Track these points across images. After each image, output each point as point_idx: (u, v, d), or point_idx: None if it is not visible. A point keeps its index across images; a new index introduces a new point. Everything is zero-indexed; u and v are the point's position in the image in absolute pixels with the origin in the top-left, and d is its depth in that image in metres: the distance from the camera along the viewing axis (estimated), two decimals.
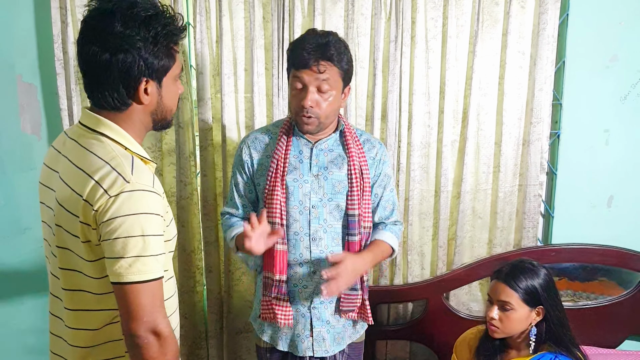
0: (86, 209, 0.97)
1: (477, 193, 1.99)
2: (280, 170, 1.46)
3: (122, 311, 0.98)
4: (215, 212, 2.00)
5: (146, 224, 0.96)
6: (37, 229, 2.01)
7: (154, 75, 1.02)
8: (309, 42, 1.38)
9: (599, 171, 1.99)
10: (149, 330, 0.97)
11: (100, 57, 0.97)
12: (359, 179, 1.50)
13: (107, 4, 0.99)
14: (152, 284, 0.97)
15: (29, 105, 1.95)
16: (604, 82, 1.93)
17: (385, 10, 1.85)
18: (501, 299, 1.40)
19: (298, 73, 1.40)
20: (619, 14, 1.89)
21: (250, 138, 1.55)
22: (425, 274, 2.05)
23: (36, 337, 2.10)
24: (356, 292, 1.54)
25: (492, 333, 1.43)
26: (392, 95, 1.88)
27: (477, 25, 1.85)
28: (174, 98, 1.10)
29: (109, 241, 0.96)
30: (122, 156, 1.00)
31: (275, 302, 1.49)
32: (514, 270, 1.42)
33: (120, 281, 0.96)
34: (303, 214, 1.49)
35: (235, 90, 1.92)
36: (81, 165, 1.00)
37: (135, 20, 0.98)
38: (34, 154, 1.98)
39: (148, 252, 0.96)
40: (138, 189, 0.96)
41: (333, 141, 1.52)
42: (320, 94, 1.40)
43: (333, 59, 1.38)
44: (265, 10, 1.86)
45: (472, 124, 1.92)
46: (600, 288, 2.05)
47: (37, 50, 1.91)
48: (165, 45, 1.02)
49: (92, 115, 1.04)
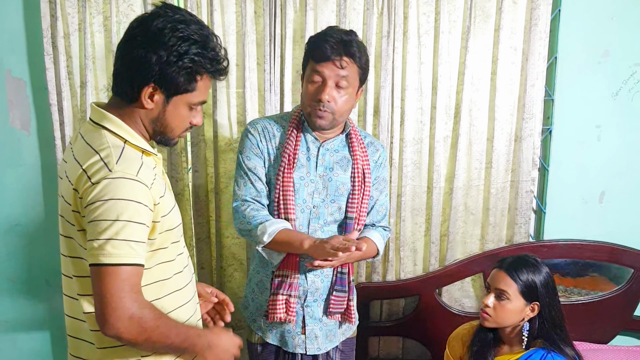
0: (75, 196, 1.00)
1: (469, 189, 1.99)
2: (291, 166, 1.45)
3: (95, 294, 0.97)
4: (207, 208, 1.99)
5: (123, 209, 0.96)
6: (26, 225, 2.01)
7: (164, 87, 1.03)
8: (333, 36, 1.38)
9: (590, 167, 1.99)
10: (123, 317, 0.95)
11: (125, 46, 1.03)
12: (361, 183, 1.50)
13: (163, 9, 1.03)
14: (124, 269, 0.96)
15: (18, 101, 1.93)
16: (595, 78, 1.94)
17: (377, 5, 1.84)
18: (499, 287, 1.41)
19: (318, 66, 1.39)
20: (610, 9, 1.90)
21: (260, 125, 1.51)
22: (418, 270, 2.05)
23: (26, 333, 2.08)
24: (344, 294, 1.54)
25: (483, 321, 1.44)
26: (385, 91, 1.88)
27: (469, 20, 1.85)
28: (179, 120, 1.08)
29: (88, 224, 0.97)
30: (114, 146, 1.01)
31: (292, 300, 1.47)
32: (517, 262, 1.43)
33: (94, 262, 0.96)
34: (304, 212, 1.48)
35: (227, 85, 1.91)
36: (78, 156, 1.03)
37: (174, 32, 1.00)
38: (23, 149, 1.96)
39: (121, 237, 0.96)
40: (119, 176, 0.98)
41: (339, 142, 1.51)
42: (338, 89, 1.39)
43: (355, 56, 1.38)
44: (256, 5, 1.85)
45: (465, 119, 1.91)
46: (592, 284, 2.06)
47: (26, 45, 1.89)
48: (189, 68, 1.02)
49: (98, 110, 1.06)
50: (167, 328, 1.02)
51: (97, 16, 1.85)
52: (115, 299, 0.95)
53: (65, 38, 1.84)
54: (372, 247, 1.54)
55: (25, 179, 1.98)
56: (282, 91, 1.89)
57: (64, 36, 1.84)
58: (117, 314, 0.95)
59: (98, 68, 1.89)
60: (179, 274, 1.14)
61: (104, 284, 0.95)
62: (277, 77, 1.87)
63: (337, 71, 1.38)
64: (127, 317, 0.96)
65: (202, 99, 1.09)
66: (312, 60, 1.41)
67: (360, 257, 1.54)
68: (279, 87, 1.89)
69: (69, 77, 1.88)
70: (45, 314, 2.08)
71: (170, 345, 1.04)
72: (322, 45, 1.38)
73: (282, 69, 1.87)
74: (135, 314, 0.96)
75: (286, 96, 1.89)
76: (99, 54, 1.88)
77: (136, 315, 0.97)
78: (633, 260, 1.97)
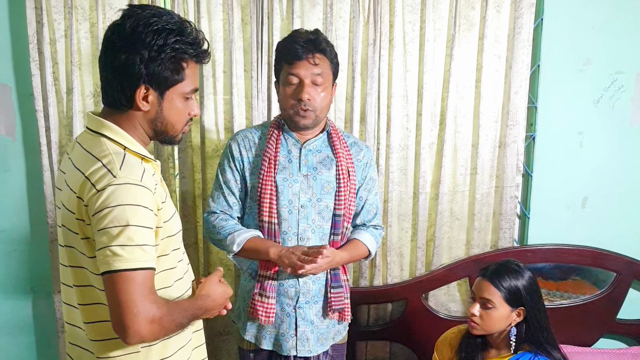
0: (79, 204, 1.00)
1: (454, 195, 2.01)
2: (271, 169, 1.48)
3: (112, 302, 0.96)
4: (195, 214, 1.99)
5: (132, 214, 0.96)
6: (11, 232, 2.00)
7: (155, 84, 1.03)
8: (301, 37, 1.43)
9: (573, 173, 2.03)
10: (144, 321, 0.95)
11: (107, 55, 1.02)
12: (346, 180, 1.52)
13: (131, 10, 1.03)
14: (140, 273, 0.96)
15: (3, 106, 1.92)
16: (577, 85, 1.97)
17: (363, 13, 1.86)
18: (484, 296, 1.42)
19: (292, 68, 1.42)
20: (592, 18, 1.93)
21: (240, 136, 1.55)
22: (405, 274, 2.06)
23: (11, 338, 2.07)
24: (342, 288, 1.56)
25: (471, 329, 1.45)
26: (371, 98, 1.90)
27: (454, 29, 1.87)
28: (177, 114, 1.08)
29: (97, 232, 0.97)
30: (115, 153, 1.02)
31: (259, 298, 1.49)
32: (499, 269, 1.44)
33: (108, 270, 0.95)
34: (292, 213, 1.50)
35: (214, 92, 1.92)
36: (78, 164, 1.03)
37: (147, 28, 1.00)
38: (9, 155, 1.95)
39: (134, 242, 0.96)
40: (124, 182, 0.98)
41: (321, 142, 1.53)
42: (314, 87, 1.43)
43: (326, 51, 1.44)
44: (244, 12, 1.87)
45: (450, 126, 1.94)
46: (574, 287, 2.09)
47: (12, 51, 1.88)
48: (172, 57, 1.02)
49: (95, 119, 1.07)
50: (179, 316, 1.03)
51: (84, 23, 1.85)
52: (136, 304, 0.94)
53: (51, 44, 1.84)
54: (361, 248, 1.56)
55: (10, 185, 1.97)
56: (269, 98, 1.90)
57: (50, 42, 1.83)
58: (139, 319, 0.94)
59: (84, 74, 1.88)
60: (180, 281, 1.14)
61: (122, 290, 0.94)
62: (265, 84, 1.88)
63: (312, 69, 1.42)
64: (148, 321, 0.95)
65: (194, 87, 1.09)
66: (285, 64, 1.44)
67: (348, 260, 1.55)
68: (266, 93, 1.90)
69: (55, 83, 1.87)
70: (30, 320, 2.07)
71: (182, 328, 1.06)
72: (293, 46, 1.42)
73: (269, 76, 1.88)
74: (155, 315, 0.96)
75: (273, 103, 1.90)
76: (85, 60, 1.87)
77: (156, 316, 0.97)
78: (616, 264, 2.01)
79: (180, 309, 1.05)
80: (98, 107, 1.90)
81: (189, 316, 1.07)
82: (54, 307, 2.00)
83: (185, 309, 1.07)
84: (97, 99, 1.91)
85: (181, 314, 1.04)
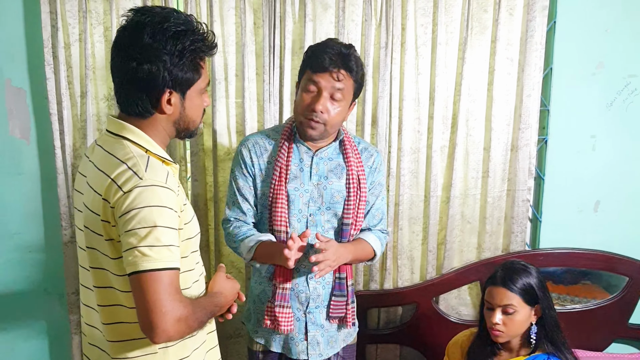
0: (105, 206, 1.01)
1: (466, 198, 2.01)
2: (283, 178, 1.47)
3: (140, 302, 0.97)
4: (206, 217, 2.00)
5: (159, 215, 0.98)
6: (25, 234, 2.01)
7: (178, 87, 1.06)
8: (332, 48, 1.40)
9: (585, 176, 2.02)
10: (172, 320, 0.96)
11: (127, 66, 1.03)
12: (356, 189, 1.51)
13: (140, 16, 1.03)
14: (168, 273, 0.97)
15: (18, 110, 1.94)
16: (590, 88, 1.96)
17: (375, 17, 1.87)
18: (503, 303, 1.41)
19: (315, 76, 1.40)
20: (605, 21, 1.92)
21: (251, 142, 1.53)
22: (415, 278, 2.06)
23: (24, 340, 2.09)
24: (343, 298, 1.56)
25: (496, 338, 1.44)
26: (383, 101, 1.90)
27: (466, 32, 1.87)
28: (197, 110, 1.12)
29: (125, 234, 0.98)
30: (139, 156, 1.03)
31: (279, 309, 1.49)
32: (508, 272, 1.44)
33: (136, 270, 0.96)
34: (301, 222, 1.50)
35: (226, 95, 1.92)
36: (102, 167, 1.05)
37: (164, 34, 1.01)
38: (23, 158, 1.97)
39: (161, 242, 0.97)
40: (150, 184, 0.99)
41: (333, 150, 1.53)
42: (332, 101, 1.41)
43: (352, 70, 1.40)
44: (256, 16, 1.87)
45: (462, 129, 1.94)
46: (584, 291, 2.08)
47: (27, 55, 1.90)
48: (192, 59, 1.05)
49: (116, 121, 1.08)
50: (201, 313, 1.06)
51: (98, 27, 1.86)
52: (164, 303, 0.96)
53: (65, 48, 1.86)
54: (366, 248, 1.55)
55: (25, 187, 1.99)
56: (281, 101, 1.91)
57: (64, 46, 1.85)
58: (167, 318, 0.96)
59: (98, 78, 1.90)
60: (197, 283, 1.16)
61: (150, 290, 0.96)
62: (276, 87, 1.89)
63: (333, 83, 1.39)
64: (176, 320, 0.97)
65: (207, 80, 1.13)
66: (309, 70, 1.43)
67: (354, 253, 1.51)
68: (278, 97, 1.90)
69: (69, 86, 1.89)
70: (44, 322, 2.09)
71: (202, 327, 1.09)
72: (321, 55, 1.39)
73: (281, 80, 1.89)
74: (182, 314, 0.98)
75: (285, 106, 1.91)
76: (99, 64, 1.89)
77: (183, 315, 0.98)
78: (628, 269, 2.00)
79: (202, 307, 1.08)
80: (112, 110, 1.91)
81: (208, 314, 1.11)
82: (67, 309, 2.01)
83: (205, 307, 1.09)
84: (110, 102, 1.92)
85: (202, 312, 1.07)
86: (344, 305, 1.55)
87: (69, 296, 2.00)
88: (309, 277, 1.52)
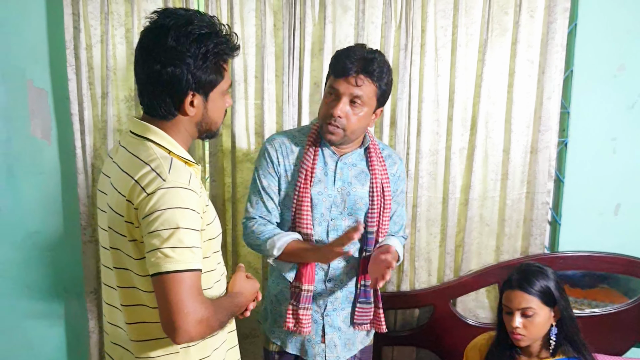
0: (128, 207, 1.02)
1: (484, 200, 2.00)
2: (308, 181, 1.46)
3: (162, 303, 0.98)
4: (224, 218, 2.01)
5: (181, 217, 0.99)
6: (45, 233, 2.04)
7: (201, 89, 1.06)
8: (355, 53, 1.39)
9: (606, 179, 2.00)
10: (194, 321, 0.97)
11: (151, 69, 1.03)
12: (380, 197, 1.51)
13: (165, 19, 1.04)
14: (190, 274, 0.98)
15: (40, 110, 1.96)
16: (611, 90, 1.94)
17: (395, 19, 1.87)
18: (522, 306, 1.41)
19: (335, 82, 1.40)
20: (626, 23, 1.91)
21: (278, 141, 1.52)
22: (432, 280, 2.06)
23: (43, 339, 2.10)
24: (369, 305, 1.56)
25: (517, 342, 1.43)
26: (401, 102, 1.90)
27: (486, 34, 1.86)
28: (219, 111, 1.13)
29: (148, 235, 0.99)
30: (162, 158, 1.04)
31: (302, 312, 1.49)
32: (524, 275, 1.43)
33: (159, 271, 0.97)
34: (322, 226, 1.50)
35: (245, 96, 1.93)
36: (126, 168, 1.06)
37: (188, 37, 1.02)
38: (44, 158, 1.99)
39: (184, 244, 0.98)
40: (174, 186, 1.00)
41: (357, 156, 1.52)
42: (351, 106, 1.39)
43: (373, 75, 1.38)
44: (276, 18, 1.88)
45: (481, 131, 1.93)
46: (602, 295, 2.06)
47: (49, 56, 1.92)
48: (215, 62, 1.06)
49: (139, 123, 1.09)
50: (222, 315, 1.07)
51: (119, 28, 1.88)
52: (186, 304, 0.96)
53: (87, 49, 1.87)
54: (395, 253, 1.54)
55: (45, 187, 2.01)
56: (299, 103, 1.91)
57: (86, 48, 1.87)
58: (189, 319, 0.96)
59: (119, 79, 1.92)
60: (218, 283, 1.17)
61: (172, 291, 0.97)
62: (295, 89, 1.90)
63: (352, 89, 1.38)
64: (197, 321, 0.98)
65: (230, 82, 1.14)
66: (332, 75, 1.43)
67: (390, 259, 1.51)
68: (297, 99, 1.91)
69: (90, 87, 1.91)
70: (62, 320, 2.11)
71: (223, 327, 1.10)
72: (342, 60, 1.39)
73: (300, 81, 1.89)
74: (204, 316, 0.99)
75: (304, 108, 1.91)
76: (120, 65, 1.91)
77: (205, 316, 0.99)
78: None
79: (222, 307, 1.08)
80: (132, 111, 1.93)
81: (229, 314, 1.11)
82: (86, 308, 2.03)
83: (226, 308, 1.10)
84: (131, 103, 1.93)
85: (223, 313, 1.07)
86: (370, 312, 1.55)
87: (87, 295, 2.01)
88: (327, 280, 1.52)
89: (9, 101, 1.94)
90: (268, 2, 1.85)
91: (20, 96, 1.94)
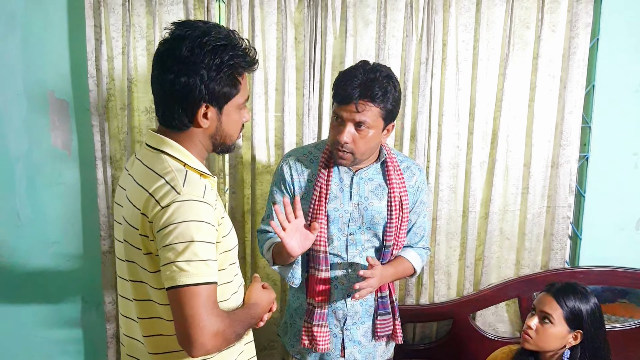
0: (143, 220, 1.02)
1: (505, 214, 1.99)
2: (323, 198, 1.46)
3: (178, 316, 0.98)
4: (243, 229, 2.01)
5: (196, 230, 0.98)
6: (64, 243, 2.04)
7: (215, 101, 1.05)
8: (356, 77, 1.35)
9: (627, 194, 1.99)
10: (210, 334, 0.97)
11: (165, 78, 1.03)
12: (398, 211, 1.50)
13: (182, 29, 1.03)
14: (205, 287, 0.98)
15: (61, 121, 1.97)
16: (633, 105, 1.94)
17: (416, 32, 1.87)
18: (544, 310, 1.41)
19: (337, 108, 1.39)
20: None
21: (292, 158, 1.53)
22: (452, 293, 2.05)
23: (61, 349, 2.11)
24: (389, 316, 1.56)
25: (524, 342, 1.44)
26: (422, 116, 1.89)
27: (507, 48, 1.86)
28: (234, 125, 1.12)
29: (162, 248, 0.99)
30: (177, 170, 1.04)
31: (317, 329, 1.49)
32: (566, 288, 1.44)
33: (174, 285, 0.97)
34: (340, 240, 1.50)
35: (265, 109, 1.93)
36: (140, 181, 1.05)
37: (202, 48, 1.01)
38: (64, 169, 2.00)
39: (199, 257, 0.98)
40: (188, 199, 1.00)
41: (374, 170, 1.51)
42: (357, 130, 1.38)
43: (375, 99, 1.34)
44: (297, 31, 1.88)
45: (502, 145, 1.92)
46: (622, 310, 2.05)
47: (70, 67, 1.93)
48: (229, 74, 1.04)
49: (155, 135, 1.09)
50: (238, 327, 1.06)
51: (141, 40, 1.89)
52: (202, 317, 0.96)
53: (109, 61, 1.88)
54: (407, 266, 1.55)
55: (65, 197, 2.02)
56: (320, 116, 1.91)
57: (107, 59, 1.88)
58: (205, 332, 0.96)
59: (140, 90, 1.92)
60: (235, 294, 1.17)
61: (188, 304, 0.96)
62: (316, 102, 1.90)
63: (354, 115, 1.36)
64: (213, 334, 0.97)
65: (247, 96, 1.12)
66: (335, 102, 1.41)
67: (395, 279, 1.55)
68: (318, 111, 1.91)
69: (111, 99, 1.91)
70: (80, 330, 2.11)
71: (240, 339, 1.09)
72: (342, 87, 1.36)
73: (320, 94, 1.89)
74: (219, 328, 0.99)
75: (324, 121, 1.91)
76: (141, 77, 1.91)
77: (220, 329, 0.99)
78: None
79: (238, 319, 1.08)
80: (152, 123, 1.93)
81: (246, 326, 1.11)
82: (104, 318, 2.03)
83: (242, 320, 1.10)
84: (151, 114, 1.94)
85: (239, 325, 1.07)
86: (390, 322, 1.56)
87: (105, 305, 2.01)
88: (347, 294, 1.52)
89: (31, 112, 1.95)
90: (289, 16, 1.86)
91: (42, 107, 1.95)
